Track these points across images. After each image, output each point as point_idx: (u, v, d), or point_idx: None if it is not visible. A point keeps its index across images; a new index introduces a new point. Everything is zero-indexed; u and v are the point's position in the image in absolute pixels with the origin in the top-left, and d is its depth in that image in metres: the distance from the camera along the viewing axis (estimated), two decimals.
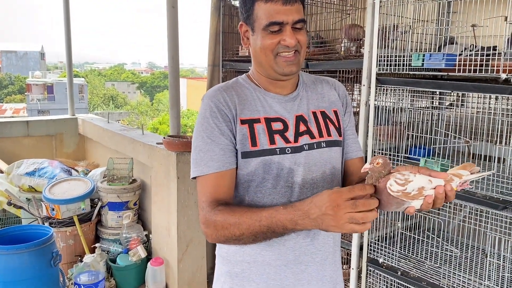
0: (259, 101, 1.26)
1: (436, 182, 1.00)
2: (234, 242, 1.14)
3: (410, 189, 0.98)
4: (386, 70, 2.16)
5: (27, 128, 4.54)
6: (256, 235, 1.08)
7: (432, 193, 0.99)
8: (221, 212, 1.13)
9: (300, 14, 1.18)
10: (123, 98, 48.20)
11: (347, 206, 0.93)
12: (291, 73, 1.23)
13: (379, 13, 2.15)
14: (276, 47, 1.18)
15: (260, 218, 1.06)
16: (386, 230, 2.45)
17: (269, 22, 1.15)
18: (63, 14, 4.73)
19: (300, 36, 1.19)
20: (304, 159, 1.23)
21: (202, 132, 1.22)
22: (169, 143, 3.05)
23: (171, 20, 3.19)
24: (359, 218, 0.93)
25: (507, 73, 1.74)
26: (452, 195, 1.01)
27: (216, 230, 1.13)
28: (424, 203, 0.99)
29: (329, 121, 1.31)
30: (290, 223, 1.02)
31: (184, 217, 3.08)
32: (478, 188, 1.89)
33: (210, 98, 1.24)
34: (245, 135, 1.21)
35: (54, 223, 3.37)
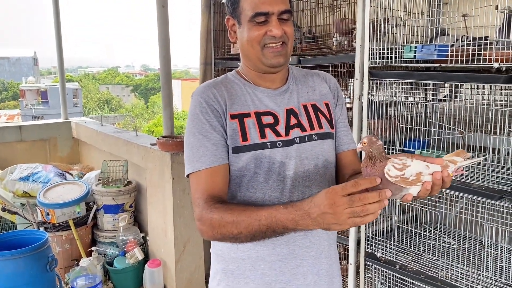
0: (249, 96, 1.25)
1: (433, 168, 0.98)
2: (230, 240, 1.12)
3: (408, 174, 0.95)
4: (379, 63, 2.15)
5: (20, 133, 4.50)
6: (254, 234, 1.06)
7: (429, 179, 0.97)
8: (217, 209, 1.11)
9: (286, 4, 1.17)
10: (118, 102, 48.04)
11: (344, 203, 0.91)
12: (278, 65, 1.21)
13: (370, 6, 2.14)
14: (262, 39, 1.17)
15: (260, 217, 1.04)
16: (383, 224, 2.44)
17: (254, 13, 1.15)
18: (54, 19, 4.69)
19: (286, 27, 1.18)
20: (296, 152, 1.22)
21: (193, 128, 1.21)
22: (163, 143, 3.03)
23: (161, 19, 3.17)
24: (359, 211, 0.91)
25: (499, 62, 1.73)
26: (449, 181, 0.99)
27: (213, 227, 1.10)
28: (422, 189, 0.97)
29: (320, 113, 1.30)
30: (291, 223, 1.00)
31: (180, 217, 3.06)
32: (474, 178, 1.88)
33: (200, 94, 1.23)
34: (236, 129, 1.20)
35: (49, 228, 3.34)
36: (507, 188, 1.79)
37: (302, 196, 1.23)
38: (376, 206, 0.91)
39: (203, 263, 3.23)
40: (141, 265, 3.30)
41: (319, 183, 1.26)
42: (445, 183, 0.99)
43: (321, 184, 1.26)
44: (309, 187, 1.24)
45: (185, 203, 3.06)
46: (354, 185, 0.92)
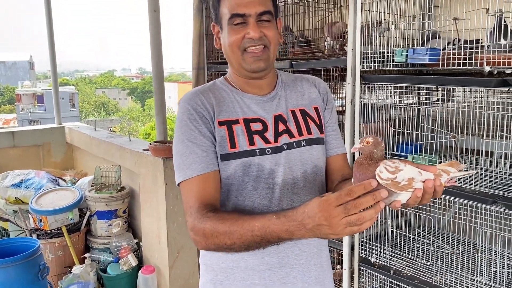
0: (237, 103, 1.23)
1: (426, 175, 0.95)
2: (225, 250, 1.08)
3: (400, 178, 0.92)
4: (371, 67, 2.14)
5: (13, 139, 4.47)
6: (248, 244, 1.02)
7: (421, 187, 0.94)
8: (210, 219, 1.07)
9: (265, 6, 1.15)
10: (114, 105, 48.00)
11: (340, 213, 0.88)
12: (259, 69, 1.19)
13: (361, 10, 2.13)
14: (242, 42, 1.16)
15: (253, 228, 1.00)
16: (377, 229, 2.42)
17: (231, 15, 1.15)
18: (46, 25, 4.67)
19: (267, 30, 1.16)
20: (284, 159, 1.20)
21: (181, 135, 1.19)
22: (155, 149, 3.01)
23: (153, 24, 3.15)
24: (355, 220, 0.88)
25: (490, 66, 1.72)
26: (440, 190, 0.97)
27: (206, 238, 1.07)
28: (412, 196, 0.94)
29: (309, 118, 1.28)
30: (286, 233, 0.97)
31: (173, 223, 3.04)
32: (467, 183, 1.87)
33: (187, 101, 1.21)
34: (224, 136, 1.18)
35: (42, 235, 3.31)
36: (500, 192, 1.78)
37: (291, 204, 1.21)
38: (372, 213, 0.88)
39: (197, 270, 3.21)
40: (135, 272, 3.27)
41: (308, 190, 1.24)
42: (436, 192, 0.96)
43: (310, 190, 1.25)
44: (297, 194, 1.22)
45: (178, 209, 3.03)
46: (348, 193, 0.89)
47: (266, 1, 1.17)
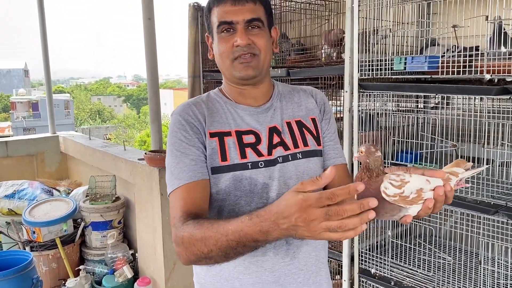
0: (230, 114, 1.20)
1: (435, 183, 0.88)
2: (206, 261, 1.00)
3: (408, 192, 0.85)
4: (368, 75, 2.11)
5: (6, 149, 4.40)
6: (226, 251, 0.94)
7: (431, 196, 0.87)
8: (188, 226, 1.01)
9: (253, 13, 1.13)
10: (110, 112, 47.89)
11: (319, 217, 0.79)
12: (247, 77, 1.16)
13: (358, 17, 2.10)
14: (231, 51, 1.13)
15: (227, 232, 0.92)
16: (376, 239, 2.38)
17: (219, 23, 1.13)
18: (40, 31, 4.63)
19: (256, 38, 1.13)
20: (279, 172, 1.16)
21: (171, 147, 1.16)
22: (150, 158, 2.96)
23: (148, 32, 3.12)
24: (335, 227, 0.78)
25: (491, 74, 1.69)
26: (451, 196, 0.90)
27: (185, 247, 0.99)
28: (423, 208, 0.87)
29: (305, 130, 1.24)
30: (260, 235, 0.88)
31: (169, 234, 2.98)
32: (468, 192, 1.83)
33: (179, 113, 1.19)
34: (215, 149, 1.14)
35: (35, 247, 3.25)
36: (502, 202, 1.75)
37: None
38: (356, 221, 0.78)
39: (193, 282, 3.15)
40: (130, 284, 3.21)
41: None
42: (447, 198, 0.90)
43: None
44: None
45: None
46: (330, 197, 0.79)
47: (256, 9, 1.14)
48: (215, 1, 1.15)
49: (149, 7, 3.06)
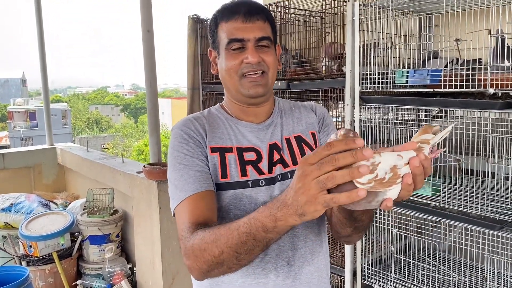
0: (231, 130, 1.18)
1: (407, 155, 0.78)
2: (218, 269, 0.94)
3: (382, 173, 0.74)
4: (370, 89, 2.09)
5: (3, 161, 4.36)
6: (237, 249, 0.89)
7: (408, 171, 0.78)
8: (197, 234, 0.97)
9: (263, 31, 1.12)
10: (107, 121, 47.85)
11: (313, 170, 0.73)
12: (257, 95, 1.14)
13: (359, 30, 2.09)
14: (240, 68, 1.11)
15: (239, 225, 0.88)
16: (379, 253, 2.35)
17: (229, 40, 1.11)
18: (38, 42, 4.62)
19: (265, 56, 1.12)
20: (279, 190, 1.13)
21: (173, 161, 1.13)
22: (149, 172, 2.93)
23: (147, 44, 3.10)
24: (324, 180, 0.71)
25: (494, 88, 1.67)
26: (429, 165, 0.81)
27: (196, 257, 0.95)
28: (403, 186, 0.77)
29: (305, 145, 1.21)
30: (270, 219, 0.83)
31: (168, 248, 2.94)
32: (473, 207, 1.81)
33: (180, 127, 1.17)
34: (216, 165, 1.12)
35: (32, 261, 3.20)
36: (507, 218, 1.72)
37: (287, 239, 1.14)
38: (344, 173, 0.70)
39: None
40: None
41: (305, 224, 1.16)
42: (425, 168, 0.81)
43: (307, 224, 1.17)
44: (294, 228, 1.14)
45: (173, 234, 2.95)
46: (326, 147, 0.73)
47: (265, 27, 1.13)
48: (224, 16, 1.13)
49: (148, 19, 3.05)
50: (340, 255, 2.45)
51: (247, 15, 1.10)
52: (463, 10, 1.89)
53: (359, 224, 1.05)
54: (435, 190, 1.97)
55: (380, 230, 2.27)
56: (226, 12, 1.13)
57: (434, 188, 1.97)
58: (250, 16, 1.11)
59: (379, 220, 2.24)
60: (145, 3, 3.04)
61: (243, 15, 1.10)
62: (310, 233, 1.17)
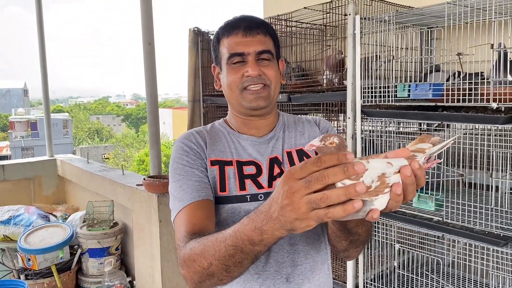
0: (232, 143, 1.18)
1: (398, 163, 0.72)
2: (209, 280, 0.91)
3: (368, 181, 0.68)
4: (371, 102, 2.08)
5: (3, 172, 4.35)
6: (225, 262, 0.86)
7: (398, 180, 0.72)
8: (190, 244, 0.95)
9: (264, 45, 1.12)
10: (108, 131, 47.88)
11: (301, 187, 0.68)
12: (258, 107, 1.14)
13: (360, 43, 2.08)
14: (241, 81, 1.12)
15: (225, 237, 0.85)
16: (381, 268, 2.32)
17: (230, 54, 1.12)
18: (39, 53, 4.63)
19: (266, 69, 1.12)
20: None
21: (173, 172, 1.13)
22: (149, 184, 2.91)
23: (148, 57, 3.10)
24: (317, 200, 0.66)
25: (497, 102, 1.66)
26: (422, 175, 0.75)
27: (188, 267, 0.93)
28: (392, 196, 0.71)
29: (306, 158, 1.19)
30: (256, 233, 0.78)
31: (168, 262, 2.91)
32: (477, 223, 1.78)
33: (181, 140, 1.18)
34: (215, 178, 1.12)
35: (30, 275, 3.17)
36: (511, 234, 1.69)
37: (287, 256, 1.12)
38: (339, 193, 0.66)
39: None
40: None
41: (305, 239, 1.14)
42: (418, 178, 0.75)
43: (308, 240, 1.15)
44: (294, 245, 1.13)
45: (173, 247, 2.92)
46: (315, 162, 0.68)
47: (266, 41, 1.14)
48: (225, 32, 1.14)
49: (149, 32, 3.05)
50: (342, 270, 2.42)
51: (247, 29, 1.11)
52: (465, 23, 1.88)
53: (354, 238, 1.03)
54: (438, 205, 1.94)
55: (382, 244, 2.25)
56: (227, 28, 1.14)
57: (437, 203, 1.95)
58: (250, 31, 1.12)
59: (381, 235, 2.21)
60: (146, 17, 3.04)
61: (243, 29, 1.12)
62: (311, 250, 1.15)
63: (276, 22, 2.70)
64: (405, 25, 2.23)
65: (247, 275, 1.10)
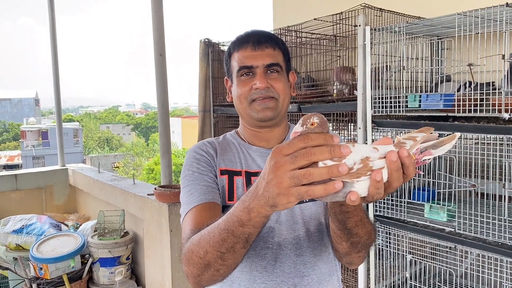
0: (242, 154, 1.23)
1: (385, 149, 0.71)
2: (206, 271, 0.93)
3: (351, 162, 0.68)
4: (382, 112, 2.08)
5: (16, 182, 4.40)
6: (219, 248, 0.88)
7: (382, 165, 0.71)
8: (190, 238, 0.98)
9: (273, 58, 1.16)
10: (118, 140, 48.19)
11: (286, 162, 0.69)
12: (266, 118, 1.17)
13: (370, 54, 2.09)
14: (249, 94, 1.16)
15: (219, 222, 0.88)
16: (393, 279, 2.30)
17: (239, 67, 1.16)
18: (52, 66, 4.71)
19: (274, 82, 1.16)
20: (285, 216, 1.14)
21: (184, 179, 1.18)
22: (160, 194, 2.93)
23: (159, 68, 3.13)
24: (300, 176, 0.68)
25: (509, 113, 1.65)
26: (410, 163, 0.73)
27: (187, 261, 0.95)
28: (371, 181, 0.70)
29: None
30: (243, 212, 0.80)
31: (179, 272, 2.92)
32: (489, 234, 1.77)
33: (193, 149, 1.24)
34: (224, 187, 1.17)
35: (42, 284, 3.20)
36: None
37: (293, 266, 1.13)
38: (323, 171, 0.67)
39: None
40: None
41: (312, 250, 1.15)
42: (406, 167, 0.73)
43: (315, 251, 1.15)
44: (301, 255, 1.14)
45: None
46: (302, 139, 0.69)
47: (275, 55, 1.17)
48: (236, 46, 1.18)
49: (161, 43, 3.09)
50: (353, 281, 2.41)
51: (256, 43, 1.15)
52: (475, 34, 1.88)
53: (355, 240, 1.04)
54: (450, 216, 1.93)
55: (393, 255, 2.23)
56: (238, 42, 1.18)
57: (449, 214, 1.94)
58: (259, 45, 1.15)
59: (392, 246, 2.20)
60: (158, 28, 3.08)
61: (252, 44, 1.16)
62: (318, 261, 1.16)
63: (286, 33, 2.72)
64: (415, 35, 2.23)
65: (253, 285, 1.11)
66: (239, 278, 1.13)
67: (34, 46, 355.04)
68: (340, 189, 0.68)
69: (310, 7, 3.04)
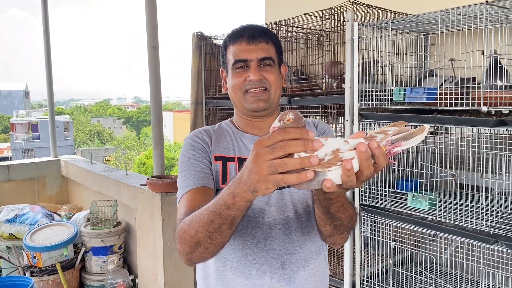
0: (235, 141, 1.30)
1: (355, 142, 0.79)
2: (196, 249, 1.02)
3: (322, 154, 0.77)
4: (368, 105, 2.16)
5: (8, 172, 4.43)
6: (208, 228, 0.97)
7: (352, 156, 0.79)
8: (183, 219, 1.06)
9: (266, 52, 1.23)
10: (109, 134, 47.97)
11: (266, 152, 0.78)
12: (259, 109, 1.25)
13: (358, 48, 2.17)
14: (243, 85, 1.24)
15: (208, 205, 0.97)
16: (378, 266, 2.39)
17: (234, 60, 1.24)
18: (45, 56, 4.72)
19: (267, 74, 1.23)
20: (275, 198, 1.23)
21: (180, 165, 1.26)
22: (153, 184, 2.99)
23: (152, 61, 3.18)
24: (277, 165, 0.77)
25: (488, 106, 1.74)
26: (380, 154, 0.81)
27: (180, 239, 1.04)
28: (343, 170, 0.79)
29: None
30: (229, 196, 0.89)
31: (170, 260, 2.99)
32: (468, 222, 1.86)
33: (190, 137, 1.31)
34: (218, 172, 1.25)
35: (35, 272, 3.24)
36: (501, 231, 1.77)
37: (283, 245, 1.22)
38: (296, 162, 0.76)
39: None
40: None
41: (300, 231, 1.24)
42: (377, 157, 0.81)
43: (303, 231, 1.24)
44: (289, 235, 1.23)
45: (176, 246, 2.98)
46: (280, 132, 0.78)
47: (268, 48, 1.25)
48: (231, 40, 1.26)
49: (154, 36, 3.14)
50: (339, 268, 2.49)
51: (250, 38, 1.23)
52: (458, 30, 1.96)
53: (338, 223, 1.13)
54: (432, 204, 2.02)
55: (378, 243, 2.32)
56: (233, 36, 1.26)
57: (431, 202, 2.03)
58: (253, 39, 1.23)
59: (377, 233, 2.29)
60: (151, 22, 3.13)
61: (247, 38, 1.23)
62: (306, 240, 1.24)
63: (277, 27, 2.79)
64: (401, 31, 2.31)
65: (245, 261, 1.20)
66: (232, 255, 1.21)
67: (25, 38, 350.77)
68: (311, 177, 0.77)
69: (300, 2, 3.11)
